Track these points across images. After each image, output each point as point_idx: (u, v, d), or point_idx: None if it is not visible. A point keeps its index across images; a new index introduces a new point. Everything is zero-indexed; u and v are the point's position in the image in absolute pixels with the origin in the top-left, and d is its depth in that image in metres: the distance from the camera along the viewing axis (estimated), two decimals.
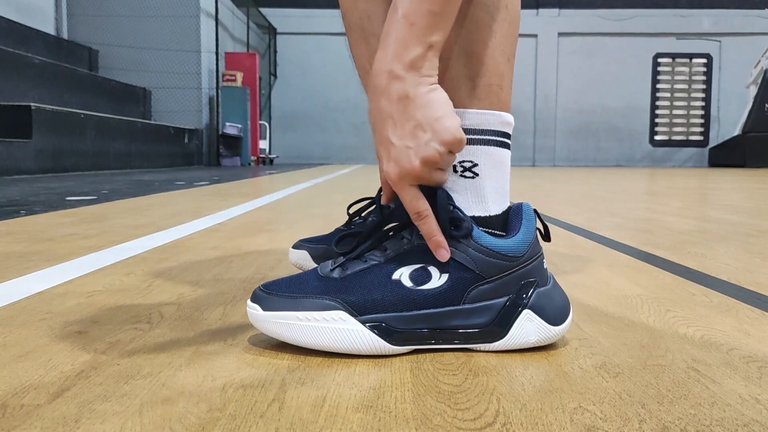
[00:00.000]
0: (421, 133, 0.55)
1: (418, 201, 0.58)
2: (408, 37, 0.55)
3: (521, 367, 0.56)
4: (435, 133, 0.55)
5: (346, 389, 0.50)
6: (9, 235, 1.41)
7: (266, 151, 11.27)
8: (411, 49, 0.55)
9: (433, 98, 0.56)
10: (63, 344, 0.61)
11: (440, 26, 0.55)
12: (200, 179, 4.49)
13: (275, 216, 1.93)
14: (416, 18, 0.55)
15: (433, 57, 0.56)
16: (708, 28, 13.66)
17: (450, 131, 0.55)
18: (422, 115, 0.55)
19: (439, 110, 0.56)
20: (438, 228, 0.58)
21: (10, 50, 5.52)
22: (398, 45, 0.55)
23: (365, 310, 0.58)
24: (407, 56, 0.55)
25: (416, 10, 0.54)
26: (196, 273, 0.99)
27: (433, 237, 0.58)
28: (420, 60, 0.55)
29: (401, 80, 0.55)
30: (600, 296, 0.85)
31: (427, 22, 0.55)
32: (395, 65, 0.55)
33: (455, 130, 0.56)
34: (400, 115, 0.56)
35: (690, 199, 2.87)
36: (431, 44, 0.55)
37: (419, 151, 0.55)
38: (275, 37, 13.24)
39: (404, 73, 0.55)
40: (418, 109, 0.55)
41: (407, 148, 0.56)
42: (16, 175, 4.55)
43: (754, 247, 1.34)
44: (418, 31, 0.55)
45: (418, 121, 0.55)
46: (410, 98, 0.55)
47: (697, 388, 0.51)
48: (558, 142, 13.98)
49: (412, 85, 0.55)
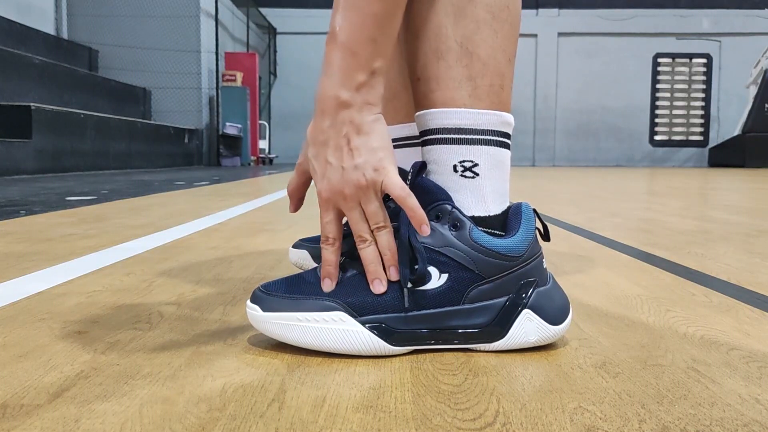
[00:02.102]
0: (357, 158, 0.57)
1: (332, 226, 0.60)
2: (351, 65, 0.57)
3: (521, 367, 0.56)
4: (367, 162, 0.57)
5: (346, 389, 0.50)
6: (9, 235, 1.41)
7: (266, 150, 11.27)
8: (355, 76, 0.57)
9: (376, 128, 0.58)
10: (63, 344, 0.61)
11: (381, 52, 0.58)
12: (200, 179, 4.49)
13: (275, 216, 1.93)
14: (357, 47, 0.57)
15: (377, 83, 0.59)
16: (708, 28, 13.66)
17: (382, 165, 0.58)
18: (362, 142, 0.58)
19: (379, 141, 0.58)
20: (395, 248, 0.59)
21: (10, 50, 5.52)
22: (341, 72, 0.57)
23: (365, 310, 0.58)
24: (352, 83, 0.57)
25: (357, 39, 0.57)
26: (196, 273, 0.99)
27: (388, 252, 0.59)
28: (365, 87, 0.58)
29: (348, 106, 0.58)
30: (600, 296, 0.85)
31: (369, 49, 0.57)
32: (341, 92, 0.57)
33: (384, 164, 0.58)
34: (342, 138, 0.58)
35: (690, 199, 2.87)
36: (374, 70, 0.58)
37: (348, 174, 0.58)
38: (275, 36, 13.23)
39: (350, 100, 0.57)
40: (360, 136, 0.58)
41: (342, 168, 0.58)
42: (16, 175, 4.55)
43: (754, 247, 1.34)
44: (361, 58, 0.57)
45: (356, 146, 0.58)
46: (355, 124, 0.58)
47: (697, 388, 0.51)
48: (558, 142, 13.98)
49: (357, 112, 0.58)
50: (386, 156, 0.58)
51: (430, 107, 0.63)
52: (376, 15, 0.56)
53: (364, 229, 0.59)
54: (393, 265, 0.59)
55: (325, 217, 0.60)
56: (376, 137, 0.58)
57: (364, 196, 0.58)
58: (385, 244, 0.59)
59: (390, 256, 0.59)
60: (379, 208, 0.58)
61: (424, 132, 0.64)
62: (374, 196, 0.58)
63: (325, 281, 0.60)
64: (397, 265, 0.59)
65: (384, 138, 0.58)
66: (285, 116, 13.40)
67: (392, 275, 0.59)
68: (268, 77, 12.90)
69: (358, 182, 0.57)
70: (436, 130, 0.63)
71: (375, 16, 0.56)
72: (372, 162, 0.57)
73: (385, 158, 0.58)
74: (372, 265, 0.59)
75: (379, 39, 0.57)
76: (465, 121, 0.62)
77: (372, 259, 0.59)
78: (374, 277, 0.59)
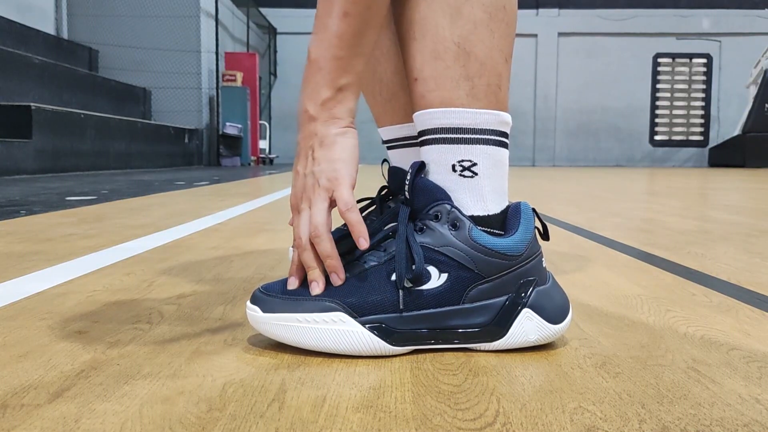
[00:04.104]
0: (315, 166, 0.60)
1: (298, 229, 0.61)
2: (318, 81, 0.60)
3: (521, 367, 0.56)
4: (322, 171, 0.60)
5: (346, 389, 0.50)
6: (9, 235, 1.41)
7: (266, 151, 11.27)
8: (321, 91, 0.60)
9: (339, 141, 0.60)
10: (63, 344, 0.61)
11: (348, 69, 0.60)
12: (200, 179, 4.49)
13: (275, 216, 1.93)
14: (323, 63, 0.59)
15: (346, 99, 0.61)
16: (708, 28, 13.66)
17: (336, 176, 0.59)
18: (323, 153, 0.60)
19: (339, 153, 0.60)
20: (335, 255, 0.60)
21: (10, 50, 5.52)
22: (310, 87, 0.60)
23: (365, 311, 0.58)
24: (318, 98, 0.60)
25: (322, 56, 0.59)
26: (196, 273, 0.99)
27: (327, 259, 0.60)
28: (330, 101, 0.60)
29: (314, 120, 0.60)
30: (600, 296, 0.85)
31: (333, 66, 0.59)
32: (309, 105, 0.60)
33: (339, 175, 0.59)
34: (308, 149, 0.61)
35: (690, 199, 2.87)
36: (341, 87, 0.60)
37: (306, 179, 0.60)
38: (275, 36, 13.23)
39: (316, 114, 0.60)
40: (322, 148, 0.60)
41: (304, 176, 0.61)
42: (16, 175, 4.55)
43: (754, 247, 1.34)
44: (327, 75, 0.59)
45: (317, 157, 0.60)
46: (318, 136, 0.60)
47: (697, 388, 0.51)
48: (558, 142, 13.98)
49: (322, 125, 0.60)
50: (343, 168, 0.60)
51: (428, 107, 0.63)
52: (341, 34, 0.59)
53: (302, 234, 0.60)
54: (334, 272, 0.60)
55: (294, 219, 0.62)
56: (338, 149, 0.60)
57: (313, 200, 0.60)
58: (323, 252, 0.60)
59: (330, 263, 0.60)
60: (321, 215, 0.59)
61: (423, 132, 0.64)
62: (322, 204, 0.60)
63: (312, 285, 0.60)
64: (338, 271, 0.60)
65: (345, 151, 0.60)
66: (285, 116, 13.40)
67: (334, 280, 0.60)
68: (268, 77, 12.90)
69: (310, 187, 0.60)
70: (434, 129, 0.63)
71: (340, 36, 0.59)
72: (327, 172, 0.60)
73: (342, 170, 0.60)
74: (309, 271, 0.60)
75: (344, 57, 0.59)
76: (463, 120, 0.62)
77: (307, 265, 0.60)
78: (311, 279, 0.60)
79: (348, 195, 0.59)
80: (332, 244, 0.60)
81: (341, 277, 0.60)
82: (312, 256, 0.60)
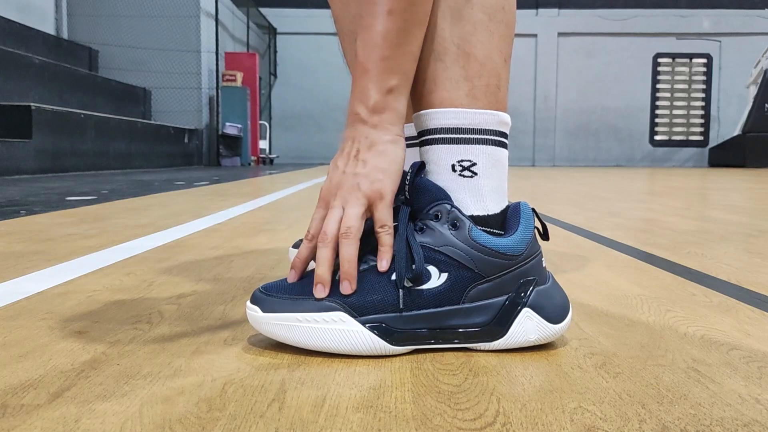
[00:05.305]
0: (360, 167, 0.58)
1: (317, 224, 0.60)
2: (366, 83, 0.58)
3: (521, 367, 0.56)
4: (367, 175, 0.58)
5: (346, 389, 0.50)
6: (9, 235, 1.41)
7: (266, 151, 11.27)
8: (370, 95, 0.58)
9: (390, 151, 0.59)
10: (63, 344, 0.61)
11: (395, 70, 0.58)
12: (200, 179, 4.49)
13: (275, 216, 1.93)
14: (370, 65, 0.58)
15: (396, 101, 0.59)
16: (708, 28, 13.66)
17: (379, 186, 0.58)
18: (371, 156, 0.59)
19: (387, 164, 0.59)
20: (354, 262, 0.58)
21: (10, 50, 5.52)
22: (359, 90, 0.59)
23: (365, 310, 0.58)
24: (368, 102, 0.59)
25: (368, 57, 0.58)
26: (196, 273, 0.99)
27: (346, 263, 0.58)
28: (380, 105, 0.59)
29: (365, 123, 0.59)
30: (600, 296, 0.85)
31: (381, 68, 0.58)
32: (360, 108, 0.59)
33: (383, 187, 0.58)
34: (354, 148, 0.59)
35: (690, 199, 2.87)
36: (390, 89, 0.58)
37: (347, 177, 0.59)
38: (275, 37, 13.24)
39: (368, 118, 0.59)
40: (370, 151, 0.59)
41: (344, 172, 0.59)
42: (16, 175, 4.55)
43: (754, 247, 1.34)
44: (374, 77, 0.58)
45: (364, 159, 0.59)
46: (370, 140, 0.59)
47: (697, 388, 0.51)
48: (558, 142, 13.98)
49: (373, 129, 0.59)
50: (387, 181, 0.58)
51: (428, 108, 0.63)
52: (386, 33, 0.57)
53: (331, 229, 0.58)
54: (347, 279, 0.57)
55: (315, 213, 0.61)
56: (387, 159, 0.59)
57: (350, 201, 0.58)
58: (345, 255, 0.57)
59: (346, 268, 0.57)
60: (355, 219, 0.58)
61: (423, 132, 0.65)
62: (357, 209, 0.58)
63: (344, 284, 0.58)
64: (351, 279, 0.57)
65: (394, 164, 0.59)
66: (285, 116, 13.41)
67: (344, 288, 0.57)
68: (269, 77, 12.90)
69: (348, 187, 0.58)
70: (434, 130, 0.63)
71: (385, 35, 0.57)
72: (372, 177, 0.58)
73: (386, 183, 0.58)
74: (320, 267, 0.58)
75: (391, 57, 0.57)
76: (463, 120, 0.62)
77: (322, 261, 0.58)
78: (318, 280, 0.58)
79: (387, 214, 0.58)
80: (356, 251, 0.58)
81: (353, 286, 0.57)
82: (330, 255, 0.58)
